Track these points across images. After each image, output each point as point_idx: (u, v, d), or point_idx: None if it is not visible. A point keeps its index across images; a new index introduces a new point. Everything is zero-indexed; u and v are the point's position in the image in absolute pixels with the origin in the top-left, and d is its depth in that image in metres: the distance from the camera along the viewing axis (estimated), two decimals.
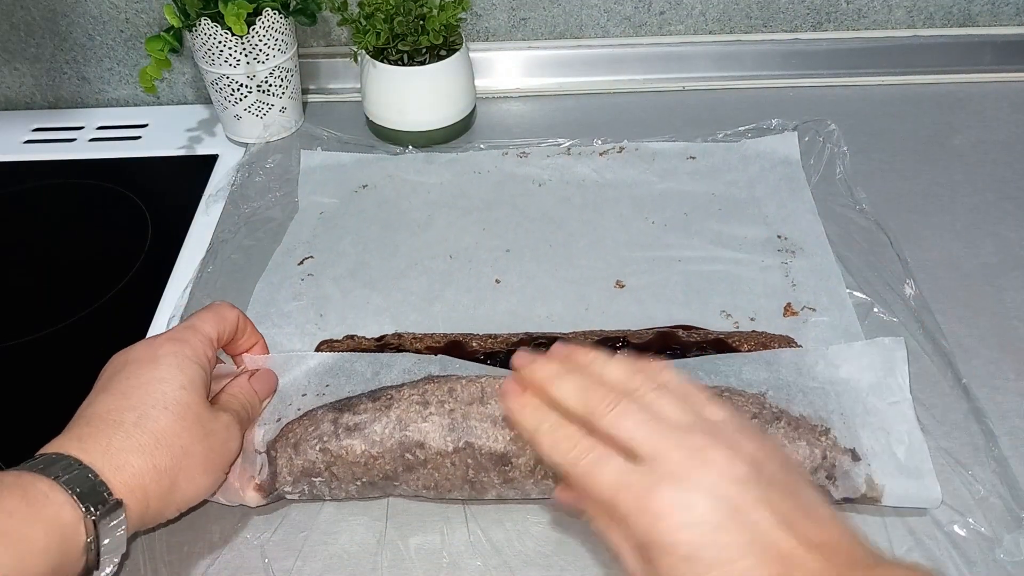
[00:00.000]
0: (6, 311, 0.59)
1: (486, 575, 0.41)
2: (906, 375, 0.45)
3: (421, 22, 0.66)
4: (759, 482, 0.32)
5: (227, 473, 0.41)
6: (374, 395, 0.43)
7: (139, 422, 0.37)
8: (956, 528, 0.42)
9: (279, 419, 0.44)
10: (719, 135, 0.69)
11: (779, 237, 0.59)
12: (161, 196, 0.68)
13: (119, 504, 0.35)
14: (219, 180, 0.68)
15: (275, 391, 0.45)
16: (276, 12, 0.65)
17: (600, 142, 0.69)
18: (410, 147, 0.70)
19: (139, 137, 0.76)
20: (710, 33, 0.78)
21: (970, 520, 0.42)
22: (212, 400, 0.42)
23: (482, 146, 0.69)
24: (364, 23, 0.66)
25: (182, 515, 0.41)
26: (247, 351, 0.46)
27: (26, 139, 0.76)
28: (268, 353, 0.47)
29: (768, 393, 0.43)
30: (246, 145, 0.71)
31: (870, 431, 0.42)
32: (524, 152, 0.68)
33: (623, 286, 0.56)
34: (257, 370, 0.45)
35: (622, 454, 0.33)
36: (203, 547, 0.43)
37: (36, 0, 0.74)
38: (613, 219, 0.62)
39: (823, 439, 0.42)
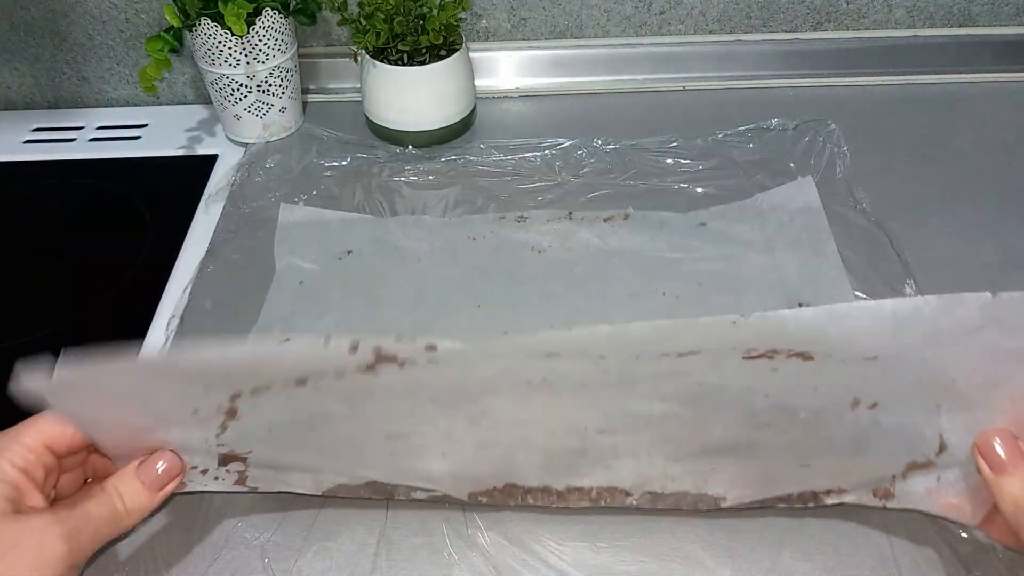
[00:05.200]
0: (6, 311, 0.59)
1: (486, 575, 0.41)
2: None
3: (421, 22, 0.66)
4: None
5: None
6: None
7: None
8: (961, 532, 0.42)
9: (195, 410, 0.38)
10: (719, 135, 0.69)
11: (800, 305, 0.54)
12: (161, 196, 0.68)
13: None
14: (219, 180, 0.68)
15: (179, 476, 0.39)
16: (276, 12, 0.65)
17: (600, 141, 0.68)
18: (410, 147, 0.70)
19: (139, 137, 0.76)
20: (710, 33, 0.78)
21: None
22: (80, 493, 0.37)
23: (482, 146, 0.69)
24: (364, 23, 0.66)
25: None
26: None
27: (26, 139, 0.76)
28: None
29: (878, 358, 0.36)
30: (246, 145, 0.71)
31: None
32: (522, 216, 0.62)
33: None
34: (148, 457, 0.38)
35: None
36: (203, 547, 0.43)
37: (36, 0, 0.74)
38: (620, 291, 0.56)
39: None
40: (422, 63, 0.67)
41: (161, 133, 0.76)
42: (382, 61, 0.66)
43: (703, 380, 0.37)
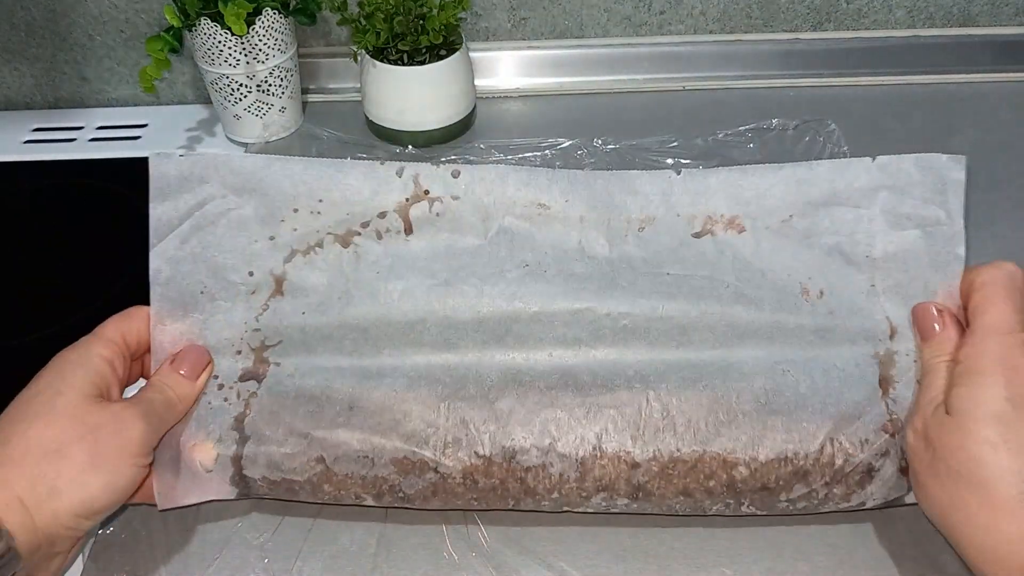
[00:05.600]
0: (6, 311, 0.59)
1: (487, 575, 0.41)
2: (960, 194, 0.42)
3: (421, 22, 0.66)
4: None
5: (139, 465, 0.38)
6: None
7: (8, 437, 0.36)
8: None
9: (271, 237, 0.44)
10: (719, 135, 0.69)
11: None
12: None
13: None
14: None
15: (207, 364, 0.43)
16: (276, 12, 0.65)
17: (600, 141, 0.68)
18: (410, 147, 0.70)
19: (139, 137, 0.76)
20: (710, 33, 0.78)
21: None
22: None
23: (482, 146, 0.69)
24: (364, 23, 0.66)
25: (111, 518, 0.41)
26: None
27: (26, 139, 0.76)
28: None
29: (792, 219, 0.44)
30: (246, 145, 0.71)
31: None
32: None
33: None
34: (178, 352, 0.43)
35: None
36: (203, 547, 0.43)
37: (36, 0, 0.74)
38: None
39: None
40: (422, 63, 0.67)
41: (161, 133, 0.76)
42: (382, 61, 0.66)
43: (671, 271, 0.44)
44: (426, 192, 0.44)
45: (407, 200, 0.44)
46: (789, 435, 0.40)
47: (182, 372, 0.42)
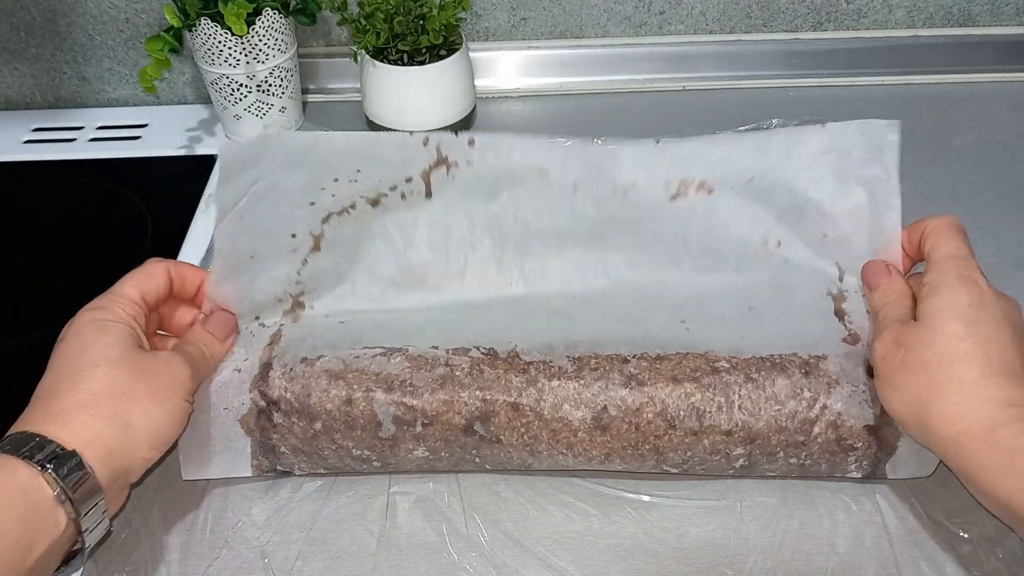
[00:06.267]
0: (6, 311, 0.59)
1: (487, 575, 0.41)
2: (896, 154, 0.49)
3: (421, 22, 0.66)
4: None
5: (189, 401, 0.42)
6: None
7: (73, 385, 0.39)
8: (961, 532, 0.42)
9: (312, 203, 0.49)
10: (719, 135, 0.68)
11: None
12: (161, 196, 0.68)
13: (74, 454, 0.37)
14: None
15: (235, 329, 0.47)
16: (276, 12, 0.65)
17: (600, 141, 0.68)
18: None
19: (139, 137, 0.76)
20: (710, 33, 0.78)
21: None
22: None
23: None
24: (364, 23, 0.66)
25: (166, 454, 0.42)
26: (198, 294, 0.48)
27: (26, 139, 0.76)
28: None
29: (753, 180, 0.49)
30: None
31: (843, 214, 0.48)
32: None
33: None
34: (211, 313, 0.46)
35: None
36: (203, 547, 0.43)
37: (36, 0, 0.74)
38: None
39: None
40: (422, 63, 0.67)
41: (161, 133, 0.76)
42: (382, 61, 0.66)
43: (646, 229, 0.50)
44: (445, 158, 0.49)
45: (430, 166, 0.50)
46: (762, 349, 0.45)
47: (213, 332, 0.45)
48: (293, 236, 0.49)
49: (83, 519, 0.37)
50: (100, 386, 0.39)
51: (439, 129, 0.69)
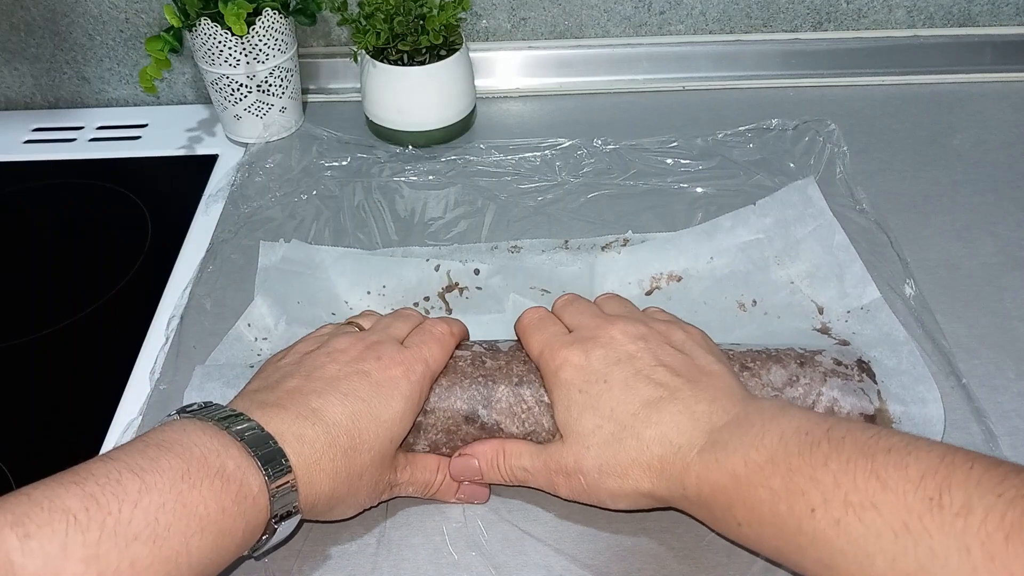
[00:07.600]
0: (6, 311, 0.59)
1: (487, 575, 0.41)
2: (821, 199, 0.58)
3: (421, 22, 0.66)
4: (656, 340, 0.42)
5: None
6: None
7: (357, 445, 0.39)
8: None
9: (348, 303, 0.56)
10: (719, 135, 0.69)
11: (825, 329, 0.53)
12: (161, 196, 0.68)
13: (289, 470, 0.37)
14: (219, 180, 0.68)
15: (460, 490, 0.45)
16: (276, 12, 0.65)
17: (600, 141, 0.69)
18: (410, 147, 0.70)
19: (139, 137, 0.76)
20: (710, 33, 0.79)
21: None
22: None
23: (482, 146, 0.69)
24: (364, 23, 0.66)
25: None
26: None
27: (26, 139, 0.76)
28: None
29: (713, 259, 0.56)
30: (246, 145, 0.71)
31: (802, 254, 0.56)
32: (515, 247, 0.59)
33: None
34: (463, 482, 0.44)
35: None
36: None
37: (36, 0, 0.74)
38: None
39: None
40: (422, 63, 0.67)
41: (161, 133, 0.76)
42: (382, 61, 0.66)
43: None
44: (456, 284, 0.56)
45: (444, 288, 0.56)
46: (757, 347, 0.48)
47: (451, 481, 0.44)
48: (332, 315, 0.55)
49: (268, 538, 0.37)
50: (369, 464, 0.40)
51: (440, 134, 0.69)
